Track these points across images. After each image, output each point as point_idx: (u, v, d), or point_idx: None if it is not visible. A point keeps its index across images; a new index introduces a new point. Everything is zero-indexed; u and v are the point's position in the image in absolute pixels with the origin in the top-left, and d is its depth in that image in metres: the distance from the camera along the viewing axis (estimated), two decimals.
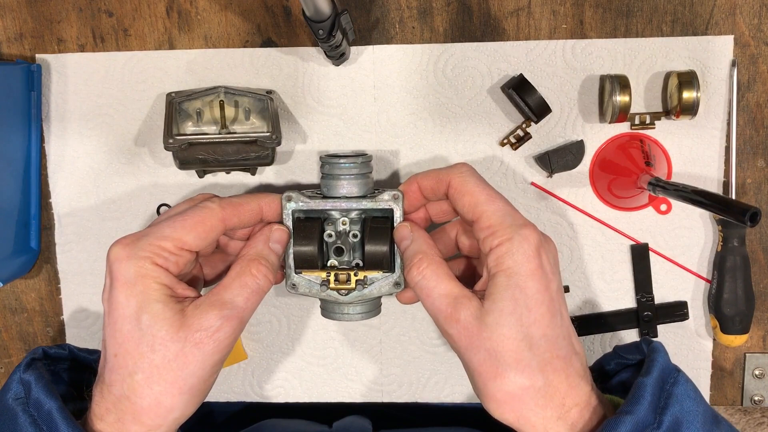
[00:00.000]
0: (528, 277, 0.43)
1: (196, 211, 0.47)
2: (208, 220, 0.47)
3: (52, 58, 0.60)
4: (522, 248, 0.43)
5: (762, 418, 1.35)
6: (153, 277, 0.44)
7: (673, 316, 0.61)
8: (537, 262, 0.44)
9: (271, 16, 0.59)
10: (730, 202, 0.48)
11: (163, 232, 0.45)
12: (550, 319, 0.43)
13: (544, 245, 0.45)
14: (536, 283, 0.43)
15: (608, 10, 0.58)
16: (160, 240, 0.45)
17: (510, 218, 0.45)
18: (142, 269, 0.44)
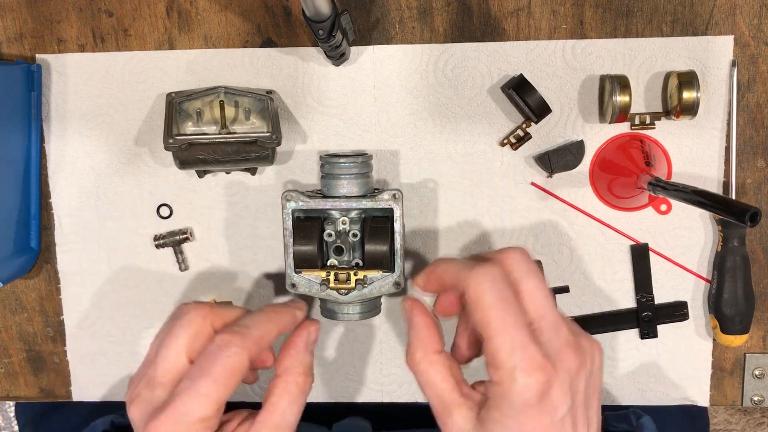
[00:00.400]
0: (526, 422, 0.39)
1: (222, 363, 0.42)
2: (236, 368, 0.42)
3: (52, 58, 0.60)
4: (522, 398, 0.39)
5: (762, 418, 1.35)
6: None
7: (673, 316, 0.61)
8: (539, 408, 0.39)
9: (271, 16, 0.59)
10: (730, 202, 0.48)
11: (199, 404, 0.41)
12: None
13: (565, 379, 0.40)
14: (535, 426, 0.39)
15: (608, 10, 0.58)
16: (199, 412, 0.41)
17: (519, 356, 0.39)
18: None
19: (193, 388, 0.41)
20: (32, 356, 0.65)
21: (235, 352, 0.42)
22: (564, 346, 0.40)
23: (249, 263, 0.62)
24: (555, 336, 0.40)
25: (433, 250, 0.61)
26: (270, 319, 0.45)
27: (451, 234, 0.61)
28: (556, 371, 0.39)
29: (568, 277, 0.61)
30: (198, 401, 0.41)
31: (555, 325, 0.41)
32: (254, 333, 0.43)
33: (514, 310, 0.40)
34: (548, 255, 0.61)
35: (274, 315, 0.46)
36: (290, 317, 0.47)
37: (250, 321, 0.44)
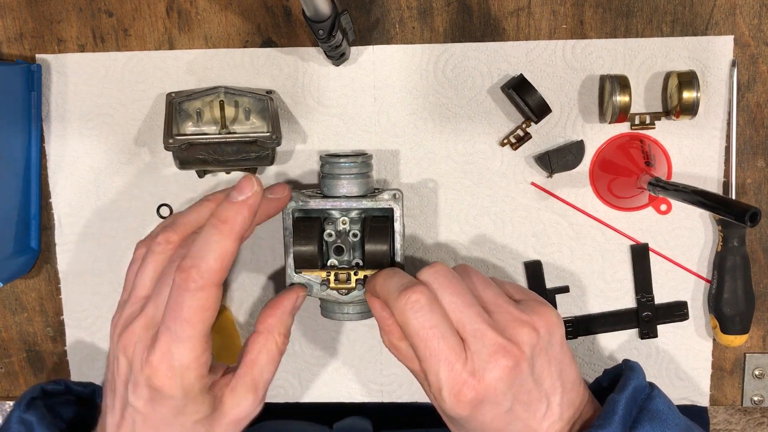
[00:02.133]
0: (476, 425, 0.44)
1: (192, 311, 0.42)
2: (208, 307, 0.42)
3: (52, 58, 0.60)
4: (455, 412, 0.44)
5: (762, 418, 1.35)
6: (198, 388, 0.43)
7: (673, 316, 0.61)
8: (474, 414, 0.43)
9: (271, 16, 0.59)
10: (730, 202, 0.48)
11: (183, 346, 0.42)
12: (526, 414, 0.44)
13: (485, 393, 0.43)
14: (479, 419, 0.44)
15: (608, 10, 0.58)
16: (184, 351, 0.42)
17: (444, 379, 0.43)
18: (188, 383, 0.43)
19: (172, 334, 0.41)
20: (32, 356, 0.65)
21: (199, 288, 0.40)
22: (492, 353, 0.43)
23: (249, 263, 0.62)
24: (481, 345, 0.43)
25: (433, 250, 0.61)
26: (225, 235, 0.41)
27: (451, 234, 0.61)
28: (482, 383, 0.42)
29: (568, 277, 0.61)
30: (182, 346, 0.41)
31: (478, 334, 0.43)
32: (210, 261, 0.41)
33: (438, 333, 0.43)
34: (548, 255, 0.61)
35: (226, 226, 0.42)
36: (247, 216, 0.42)
37: (203, 246, 0.41)
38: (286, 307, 0.48)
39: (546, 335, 0.44)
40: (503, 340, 0.43)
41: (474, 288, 0.46)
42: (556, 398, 0.45)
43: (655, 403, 0.45)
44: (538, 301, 0.47)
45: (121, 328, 0.45)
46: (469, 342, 0.43)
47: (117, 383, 0.44)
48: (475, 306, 0.44)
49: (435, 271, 0.46)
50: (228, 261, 0.41)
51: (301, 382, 0.64)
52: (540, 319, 0.45)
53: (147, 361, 0.41)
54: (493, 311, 0.45)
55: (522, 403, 0.44)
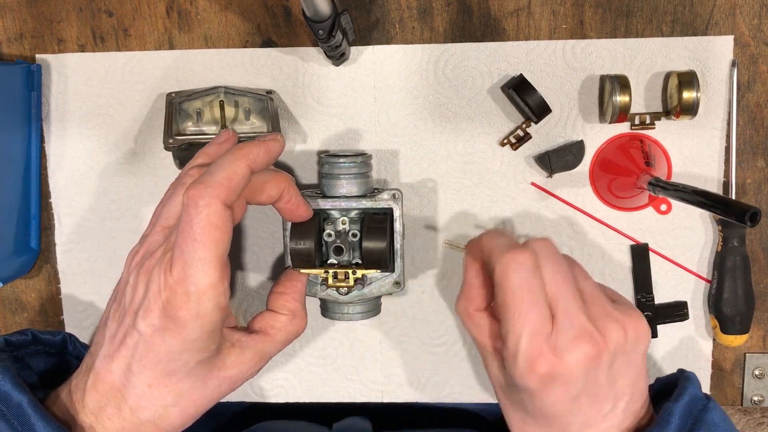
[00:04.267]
0: (535, 398, 0.43)
1: (202, 228, 0.41)
2: (218, 226, 0.41)
3: (52, 58, 0.60)
4: (523, 383, 0.42)
5: (762, 418, 1.35)
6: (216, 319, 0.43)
7: (673, 316, 0.61)
8: (544, 390, 0.42)
9: (271, 16, 0.59)
10: (730, 202, 0.48)
11: (204, 280, 0.41)
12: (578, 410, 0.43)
13: (562, 373, 0.42)
14: (553, 401, 0.43)
15: (608, 10, 0.58)
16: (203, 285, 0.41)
17: (523, 345, 0.41)
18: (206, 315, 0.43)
19: (185, 256, 0.40)
20: None
21: (206, 204, 0.40)
22: (578, 336, 0.41)
23: (249, 263, 0.62)
24: (569, 325, 0.42)
25: (433, 250, 0.61)
26: (236, 156, 0.43)
27: (451, 234, 0.61)
28: (560, 361, 0.41)
29: None
30: (196, 269, 0.40)
31: (569, 314, 0.42)
32: (218, 177, 0.41)
33: (532, 299, 0.42)
34: None
35: (240, 151, 0.43)
36: (262, 149, 0.44)
37: (214, 166, 0.43)
38: (301, 290, 0.51)
39: (633, 340, 0.43)
40: (592, 327, 0.42)
41: (575, 275, 0.45)
42: (622, 403, 0.44)
43: (711, 415, 0.44)
44: (633, 307, 0.46)
45: (142, 256, 0.44)
46: (558, 319, 0.42)
47: (127, 311, 0.43)
48: (573, 287, 0.43)
49: (544, 244, 0.44)
50: (237, 183, 0.42)
51: (301, 382, 0.64)
52: (631, 323, 0.43)
53: (165, 285, 0.41)
54: (589, 301, 0.44)
55: (589, 395, 0.43)
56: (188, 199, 0.41)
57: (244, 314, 0.63)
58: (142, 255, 0.45)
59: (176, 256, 0.41)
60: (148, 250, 0.45)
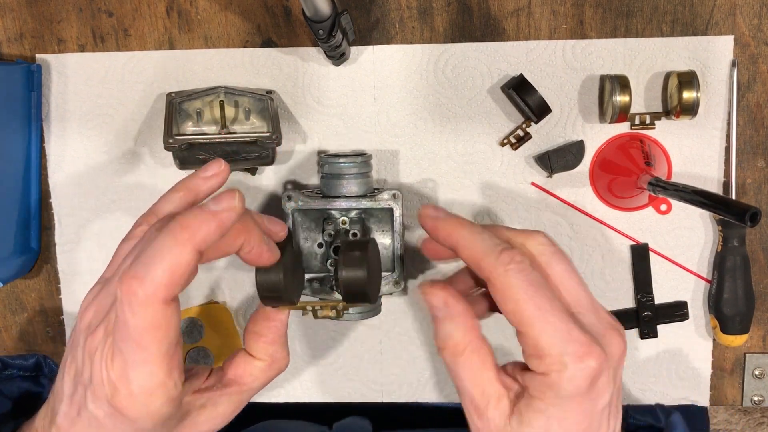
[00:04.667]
0: (570, 410, 0.36)
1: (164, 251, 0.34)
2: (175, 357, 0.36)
3: (52, 58, 0.60)
4: (572, 385, 0.36)
5: (762, 418, 1.35)
6: (165, 404, 0.37)
7: (673, 316, 0.61)
8: (586, 396, 0.36)
9: (271, 16, 0.59)
10: (730, 202, 0.48)
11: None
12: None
13: (609, 365, 0.37)
14: (578, 416, 0.36)
15: (608, 10, 0.58)
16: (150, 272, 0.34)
17: (563, 343, 0.36)
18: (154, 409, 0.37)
19: (125, 357, 0.35)
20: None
21: (142, 304, 0.34)
22: (608, 329, 0.38)
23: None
24: (596, 320, 0.38)
25: None
26: (179, 241, 0.34)
27: None
28: (606, 356, 0.36)
29: None
30: (139, 371, 0.35)
31: (593, 308, 0.39)
32: (157, 272, 0.34)
33: (549, 296, 0.37)
34: None
35: (184, 233, 0.34)
36: (212, 225, 0.35)
37: (151, 252, 0.34)
38: (281, 330, 0.43)
39: (624, 353, 0.39)
40: (615, 321, 0.38)
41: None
42: (619, 421, 0.40)
43: None
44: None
45: (91, 319, 0.38)
46: (582, 313, 0.38)
47: (80, 380, 0.38)
48: (584, 282, 0.39)
49: (543, 239, 0.40)
50: (181, 275, 0.34)
51: (301, 382, 0.64)
52: (623, 335, 0.40)
53: (108, 379, 0.35)
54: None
55: (610, 406, 0.38)
56: (122, 295, 0.34)
57: (245, 314, 0.63)
58: (91, 317, 0.38)
59: (115, 353, 0.35)
60: (97, 312, 0.38)
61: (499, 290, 0.37)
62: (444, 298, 0.39)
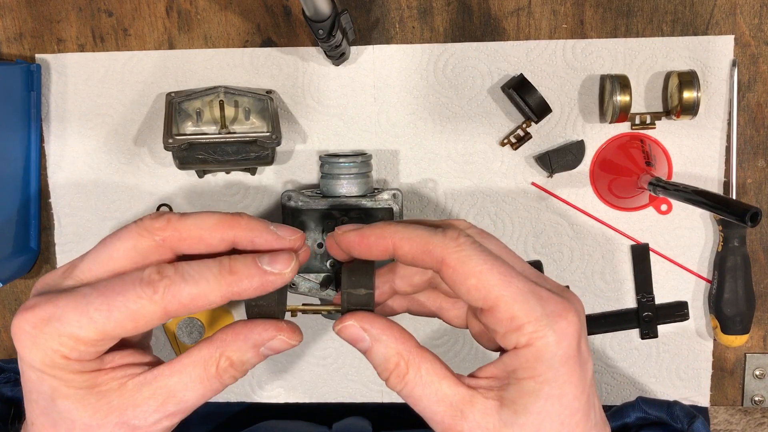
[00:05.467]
0: (566, 383, 0.33)
1: (127, 301, 0.32)
2: (141, 317, 0.32)
3: (52, 58, 0.60)
4: (561, 349, 0.33)
5: (762, 418, 1.35)
6: (65, 369, 0.33)
7: (673, 316, 0.61)
8: (576, 360, 0.33)
9: (271, 16, 0.59)
10: (731, 202, 0.48)
11: (79, 322, 0.32)
12: (585, 424, 0.34)
13: (584, 326, 0.34)
14: (574, 389, 0.33)
15: (608, 10, 0.58)
16: (74, 330, 0.32)
17: (538, 304, 0.33)
18: (50, 361, 0.33)
19: (82, 300, 0.32)
20: None
21: (147, 297, 0.32)
22: (563, 288, 0.35)
23: None
24: (548, 283, 0.35)
25: None
26: (219, 279, 0.33)
27: None
28: (578, 314, 0.34)
29: (568, 277, 0.61)
30: (77, 319, 0.32)
31: (540, 275, 0.36)
32: (184, 294, 0.32)
33: (506, 262, 0.34)
34: (548, 255, 0.61)
35: (225, 280, 0.33)
36: (223, 285, 0.33)
37: (194, 271, 0.33)
38: (245, 335, 0.36)
39: (584, 312, 0.36)
40: (563, 288, 0.36)
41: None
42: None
43: None
44: None
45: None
46: (538, 280, 0.35)
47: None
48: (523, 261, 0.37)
49: (469, 224, 0.37)
50: (197, 309, 0.33)
51: (301, 382, 0.64)
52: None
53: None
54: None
55: (593, 378, 0.36)
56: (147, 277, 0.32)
57: (245, 314, 0.63)
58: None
59: (78, 294, 0.33)
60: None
61: (458, 268, 0.34)
62: (360, 325, 0.36)
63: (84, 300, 0.33)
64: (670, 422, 0.51)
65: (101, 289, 0.33)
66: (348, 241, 0.37)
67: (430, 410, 0.35)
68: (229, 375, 0.35)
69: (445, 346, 0.62)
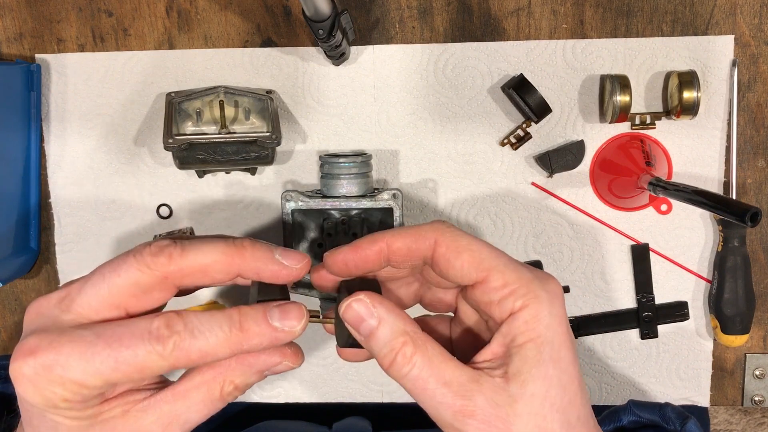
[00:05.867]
0: (562, 346, 0.35)
1: (135, 352, 0.32)
2: (147, 369, 0.32)
3: (52, 58, 0.60)
4: (554, 308, 0.35)
5: (762, 418, 1.35)
6: (69, 408, 0.33)
7: (673, 316, 0.61)
8: (567, 323, 0.36)
9: (271, 16, 0.59)
10: (731, 202, 0.48)
11: (85, 369, 0.32)
12: (581, 395, 0.35)
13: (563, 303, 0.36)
14: (569, 353, 0.35)
15: (608, 10, 0.58)
16: (79, 377, 0.32)
17: (527, 271, 0.35)
18: (52, 403, 0.33)
19: (90, 352, 0.32)
20: None
21: (150, 351, 0.32)
22: (541, 272, 0.37)
23: None
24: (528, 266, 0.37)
25: None
26: (230, 335, 0.33)
27: None
28: (558, 284, 0.37)
29: (568, 277, 0.61)
30: (80, 365, 0.32)
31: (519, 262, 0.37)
32: (193, 351, 0.33)
33: (492, 245, 0.37)
34: (548, 255, 0.61)
35: (237, 337, 0.33)
36: (234, 338, 0.33)
37: (204, 327, 0.33)
38: (260, 366, 0.36)
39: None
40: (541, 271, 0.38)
41: None
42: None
43: None
44: None
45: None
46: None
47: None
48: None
49: (446, 223, 0.38)
50: (202, 361, 0.33)
51: (301, 382, 0.64)
52: None
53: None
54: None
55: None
56: (156, 331, 0.33)
57: None
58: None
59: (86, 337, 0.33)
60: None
61: (451, 245, 0.36)
62: (369, 301, 0.36)
63: (89, 350, 0.32)
64: (662, 424, 0.52)
65: (107, 339, 0.33)
66: (342, 259, 0.37)
67: (438, 393, 0.35)
68: (233, 396, 0.35)
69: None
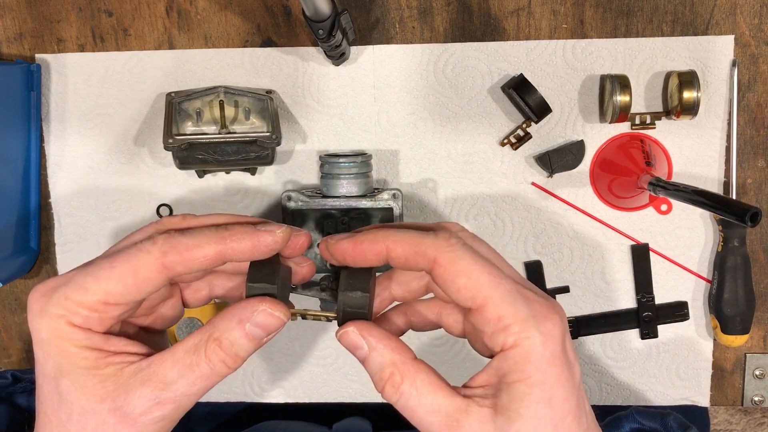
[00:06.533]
0: (554, 384, 0.34)
1: (129, 256, 0.36)
2: (141, 270, 0.35)
3: (52, 58, 0.60)
4: (548, 349, 0.33)
5: (762, 418, 1.35)
6: (70, 340, 0.35)
7: (673, 316, 0.61)
8: (563, 361, 0.34)
9: (271, 16, 0.59)
10: (731, 202, 0.48)
11: (84, 283, 0.35)
12: (577, 428, 0.35)
13: (567, 330, 0.35)
14: (563, 390, 0.34)
15: (608, 10, 0.58)
16: (78, 293, 0.35)
17: (525, 306, 0.34)
18: (56, 330, 0.35)
19: (87, 269, 0.35)
20: (32, 356, 0.65)
21: (146, 251, 0.35)
22: (545, 295, 0.36)
23: None
24: (536, 289, 0.37)
25: None
26: (205, 234, 0.36)
27: None
28: (562, 317, 0.35)
29: (568, 277, 0.61)
30: (82, 282, 0.35)
31: (525, 280, 0.37)
32: (181, 244, 0.36)
33: (495, 265, 0.36)
34: (548, 255, 0.61)
35: (208, 233, 0.36)
36: (215, 247, 0.36)
37: (191, 228, 0.37)
38: (231, 315, 0.36)
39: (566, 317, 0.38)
40: (545, 294, 0.37)
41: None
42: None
43: None
44: None
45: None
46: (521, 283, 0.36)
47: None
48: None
49: (460, 227, 0.38)
50: (199, 266, 0.36)
51: (301, 382, 0.64)
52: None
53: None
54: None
55: (581, 381, 0.36)
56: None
57: None
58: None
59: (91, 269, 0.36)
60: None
61: (449, 268, 0.35)
62: (359, 333, 0.36)
63: (92, 264, 0.36)
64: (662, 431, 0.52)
65: (107, 253, 0.37)
66: (342, 250, 0.38)
67: (426, 421, 0.35)
68: (218, 358, 0.36)
69: (445, 346, 0.62)
